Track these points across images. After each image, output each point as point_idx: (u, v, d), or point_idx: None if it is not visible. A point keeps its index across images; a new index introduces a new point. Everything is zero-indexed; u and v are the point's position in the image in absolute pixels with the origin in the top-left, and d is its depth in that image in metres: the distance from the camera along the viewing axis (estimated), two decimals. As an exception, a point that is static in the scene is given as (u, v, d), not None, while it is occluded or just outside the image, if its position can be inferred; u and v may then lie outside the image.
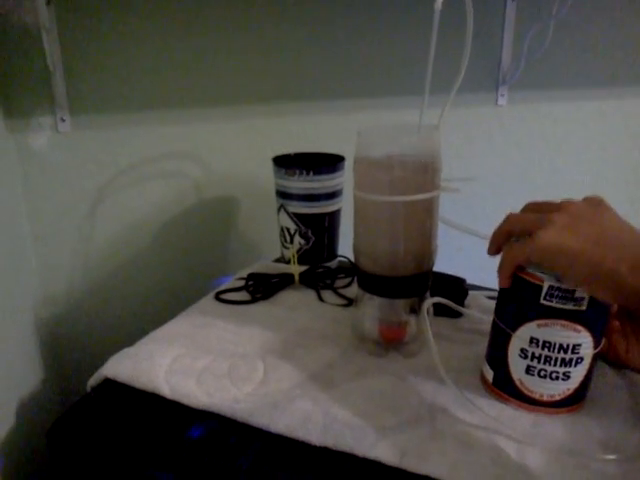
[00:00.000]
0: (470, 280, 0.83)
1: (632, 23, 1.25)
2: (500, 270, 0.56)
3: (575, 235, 0.50)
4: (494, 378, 0.60)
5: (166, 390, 0.61)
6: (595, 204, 0.54)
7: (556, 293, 0.52)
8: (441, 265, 0.74)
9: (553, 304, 0.52)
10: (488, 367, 0.61)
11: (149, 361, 0.66)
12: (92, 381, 0.65)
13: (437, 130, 0.63)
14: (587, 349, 0.54)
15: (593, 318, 0.53)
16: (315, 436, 0.54)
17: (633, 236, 0.50)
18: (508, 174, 1.32)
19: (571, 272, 0.49)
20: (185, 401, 0.60)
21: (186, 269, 1.15)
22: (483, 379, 0.62)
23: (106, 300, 1.11)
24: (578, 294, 0.51)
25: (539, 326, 0.54)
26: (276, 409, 0.58)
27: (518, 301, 0.56)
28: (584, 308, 0.52)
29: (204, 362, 0.66)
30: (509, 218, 0.58)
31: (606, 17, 1.23)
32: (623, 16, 1.24)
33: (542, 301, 0.53)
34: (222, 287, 0.87)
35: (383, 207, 0.63)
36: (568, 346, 0.54)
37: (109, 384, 0.64)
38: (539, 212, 0.55)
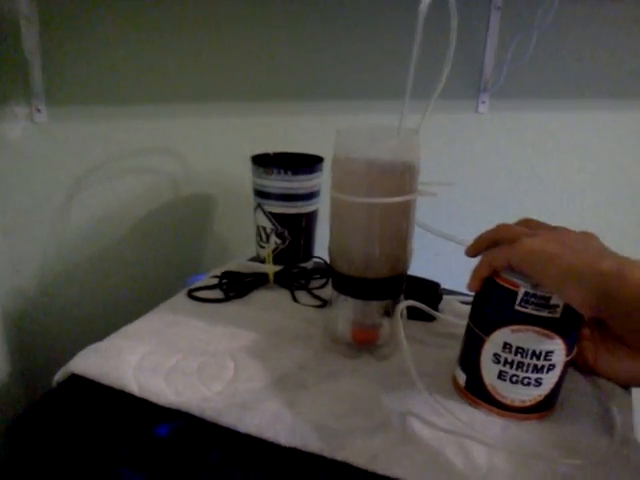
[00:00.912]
0: (446, 285, 0.83)
1: (614, 33, 1.27)
2: (475, 271, 0.56)
3: (558, 244, 0.50)
4: (466, 382, 0.60)
5: (134, 387, 0.60)
6: (587, 234, 0.55)
7: (531, 300, 0.52)
8: (418, 270, 0.74)
9: (528, 310, 0.52)
10: (460, 371, 0.60)
11: (118, 357, 0.65)
12: (58, 376, 0.64)
13: (417, 134, 0.63)
14: (559, 356, 0.54)
15: (567, 326, 0.53)
16: (284, 437, 0.53)
17: (613, 254, 0.50)
18: (487, 181, 1.33)
19: (546, 274, 0.50)
20: (153, 399, 0.59)
21: (160, 266, 1.14)
22: (455, 383, 0.62)
23: (76, 295, 1.09)
24: (553, 301, 0.52)
25: (513, 332, 0.54)
26: (245, 409, 0.57)
27: (493, 306, 0.56)
28: (558, 316, 0.52)
29: (174, 360, 0.65)
30: (499, 227, 0.59)
31: (589, 27, 1.25)
32: (605, 26, 1.26)
33: (517, 307, 0.53)
34: (195, 285, 0.86)
35: (359, 208, 0.63)
36: (541, 353, 0.54)
37: (76, 380, 0.63)
38: (530, 228, 0.57)
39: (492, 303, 0.56)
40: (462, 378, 0.60)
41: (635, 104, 1.36)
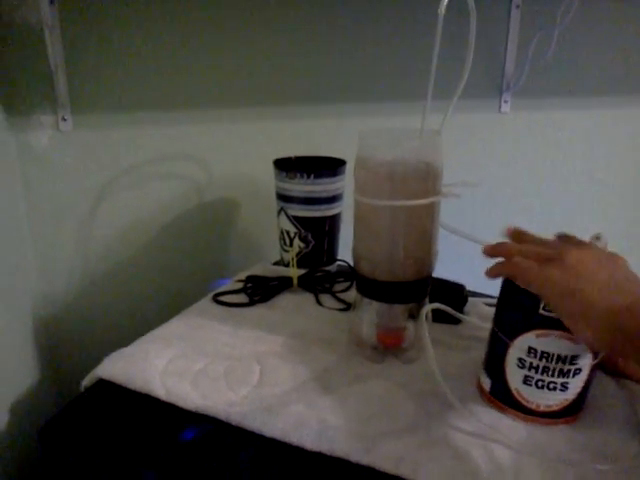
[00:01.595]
0: (470, 287, 0.82)
1: (635, 32, 1.25)
2: (497, 268, 0.55)
3: (578, 276, 0.48)
4: (491, 387, 0.59)
5: (161, 391, 0.61)
6: (614, 258, 0.52)
7: None
8: (441, 271, 0.73)
9: (552, 315, 0.52)
10: (485, 375, 0.60)
11: (144, 362, 0.66)
12: (86, 381, 0.65)
13: (439, 135, 0.63)
14: (586, 360, 0.54)
15: None
16: (309, 441, 0.54)
17: (634, 285, 0.48)
18: (510, 181, 1.31)
19: (562, 308, 0.49)
20: (180, 403, 0.59)
21: (185, 270, 1.15)
22: (480, 387, 0.61)
23: (104, 300, 1.11)
24: None
25: (537, 336, 0.53)
26: (271, 413, 0.57)
27: (517, 311, 0.55)
28: None
29: (200, 364, 0.66)
30: (527, 240, 0.57)
31: (609, 26, 1.23)
32: (626, 25, 1.24)
33: (541, 311, 0.52)
34: (220, 289, 0.86)
35: (383, 211, 0.62)
36: (566, 357, 0.53)
37: (103, 384, 0.64)
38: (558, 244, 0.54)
39: (516, 308, 0.55)
40: (487, 383, 0.60)
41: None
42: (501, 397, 0.58)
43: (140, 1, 0.97)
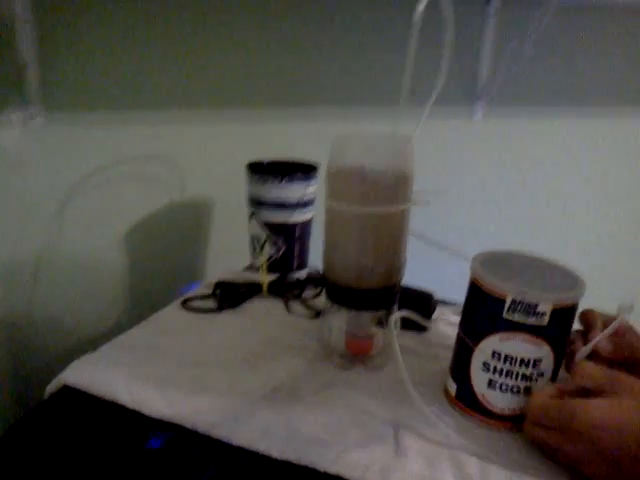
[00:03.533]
0: (440, 295, 0.82)
1: (610, 42, 1.28)
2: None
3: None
4: (457, 392, 0.60)
5: (126, 398, 0.60)
6: None
7: (519, 307, 0.52)
8: (411, 279, 0.74)
9: (515, 318, 0.53)
10: (452, 381, 0.60)
11: (110, 368, 0.65)
12: (50, 388, 0.64)
13: (411, 142, 0.63)
14: (548, 364, 0.55)
15: (554, 333, 0.53)
16: (277, 449, 0.53)
17: None
18: (482, 189, 1.33)
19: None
20: (145, 411, 0.58)
21: (154, 274, 1.14)
22: (447, 393, 0.62)
23: (70, 304, 1.09)
24: (540, 309, 0.52)
25: (501, 340, 0.54)
26: (238, 421, 0.57)
27: (481, 314, 0.56)
28: (545, 323, 0.52)
29: (167, 371, 0.65)
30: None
31: (582, 35, 1.26)
32: (601, 35, 1.27)
33: (505, 315, 0.53)
34: (189, 294, 0.85)
35: (353, 218, 0.62)
36: (529, 360, 0.54)
37: (68, 391, 0.62)
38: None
39: (480, 311, 0.56)
40: (453, 388, 0.60)
41: (629, 111, 1.36)
42: (467, 402, 0.58)
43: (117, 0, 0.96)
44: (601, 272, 1.40)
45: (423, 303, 0.78)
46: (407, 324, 0.72)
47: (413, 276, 0.73)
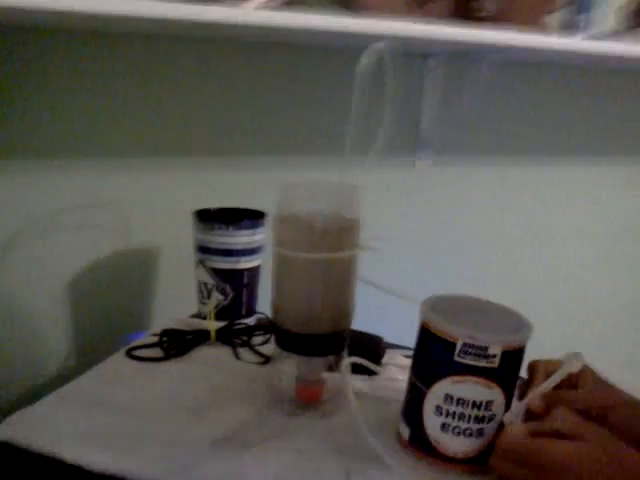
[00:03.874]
0: (389, 339, 0.83)
1: (545, 93, 1.35)
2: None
3: None
4: (410, 435, 0.59)
5: (67, 454, 0.57)
6: None
7: (470, 350, 0.53)
8: (361, 323, 0.74)
9: (467, 361, 0.53)
10: (404, 424, 0.60)
11: (50, 422, 0.62)
12: (-15, 444, 0.60)
13: (357, 189, 0.65)
14: (500, 406, 0.55)
15: (505, 375, 0.54)
16: (227, 500, 0.52)
17: None
18: (429, 235, 1.36)
19: None
20: (89, 466, 0.56)
21: (98, 324, 1.10)
22: (399, 437, 0.61)
23: (7, 354, 1.04)
24: (490, 351, 0.53)
25: (454, 382, 0.55)
26: (187, 471, 0.55)
27: (433, 358, 0.56)
28: (496, 365, 0.53)
29: (111, 422, 0.63)
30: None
31: (521, 89, 1.33)
32: (546, 85, 1.34)
33: (456, 358, 0.54)
34: (134, 343, 0.83)
35: (301, 264, 0.63)
36: (481, 403, 0.55)
37: (5, 448, 0.59)
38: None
39: (431, 355, 0.57)
40: (406, 432, 0.60)
41: (568, 160, 1.43)
42: (420, 445, 0.58)
43: (62, 44, 0.95)
44: (549, 314, 1.44)
45: (372, 347, 0.79)
46: (357, 368, 0.72)
47: (362, 321, 0.74)
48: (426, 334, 0.57)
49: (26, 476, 0.56)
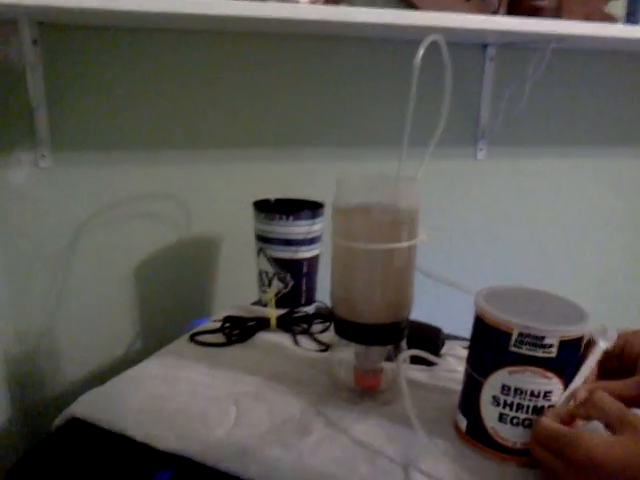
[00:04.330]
0: (448, 330, 0.83)
1: (604, 85, 1.31)
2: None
3: None
4: (467, 427, 0.59)
5: (135, 432, 0.60)
6: None
7: (526, 340, 0.52)
8: (419, 314, 0.74)
9: (523, 351, 0.53)
10: (461, 415, 0.60)
11: (119, 401, 0.65)
12: (58, 420, 0.64)
13: (415, 181, 0.65)
14: (558, 395, 0.55)
15: (563, 365, 0.54)
16: (286, 483, 0.53)
17: None
18: (487, 226, 1.34)
19: None
20: (154, 444, 0.59)
21: (163, 310, 1.14)
22: (457, 428, 0.61)
23: (79, 339, 1.09)
24: (547, 341, 0.52)
25: (510, 373, 0.54)
26: (247, 455, 0.56)
27: (488, 348, 0.56)
28: (554, 355, 0.52)
29: (175, 404, 0.65)
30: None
31: (580, 77, 1.29)
32: (597, 78, 1.30)
33: (512, 348, 0.53)
34: (198, 329, 0.86)
35: (360, 255, 0.63)
36: (539, 393, 0.54)
37: (76, 424, 0.63)
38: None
39: (487, 346, 0.56)
40: (463, 423, 0.60)
41: (627, 151, 1.39)
42: (478, 437, 0.58)
43: (122, 42, 0.99)
44: (608, 304, 1.40)
45: (431, 338, 0.78)
46: (416, 359, 0.72)
47: (421, 311, 0.74)
48: (481, 325, 0.57)
49: (96, 451, 0.59)
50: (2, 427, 0.93)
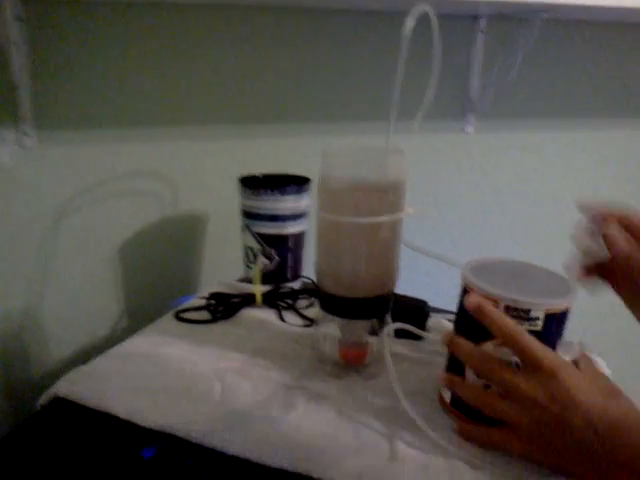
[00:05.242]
0: (434, 303, 0.83)
1: (596, 56, 1.30)
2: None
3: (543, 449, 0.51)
4: (452, 399, 0.59)
5: (119, 410, 0.60)
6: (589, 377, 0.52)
7: (512, 313, 0.52)
8: (407, 288, 0.74)
9: None
10: (446, 388, 0.60)
11: (103, 380, 0.65)
12: (42, 399, 0.63)
13: (402, 153, 0.64)
14: None
15: (549, 338, 0.53)
16: (271, 458, 0.53)
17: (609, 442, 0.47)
18: (475, 200, 1.34)
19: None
20: (138, 421, 0.58)
21: (148, 288, 1.14)
22: (441, 400, 0.62)
23: (63, 317, 1.08)
24: (533, 314, 0.52)
25: (495, 346, 0.54)
26: (232, 430, 0.56)
27: (474, 321, 0.56)
28: (539, 329, 0.52)
29: (160, 381, 0.65)
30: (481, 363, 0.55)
31: (571, 48, 1.28)
32: (587, 49, 1.29)
33: None
34: (183, 306, 0.85)
35: (345, 228, 0.63)
36: None
37: (60, 403, 0.62)
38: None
39: (473, 318, 0.56)
40: (447, 395, 0.60)
41: (617, 122, 1.38)
42: (462, 408, 0.58)
43: (107, 18, 0.96)
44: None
45: (417, 311, 0.78)
46: (401, 332, 0.72)
47: (406, 285, 0.74)
48: (464, 294, 0.57)
49: (81, 430, 0.59)
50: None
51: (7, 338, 1.05)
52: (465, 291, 0.58)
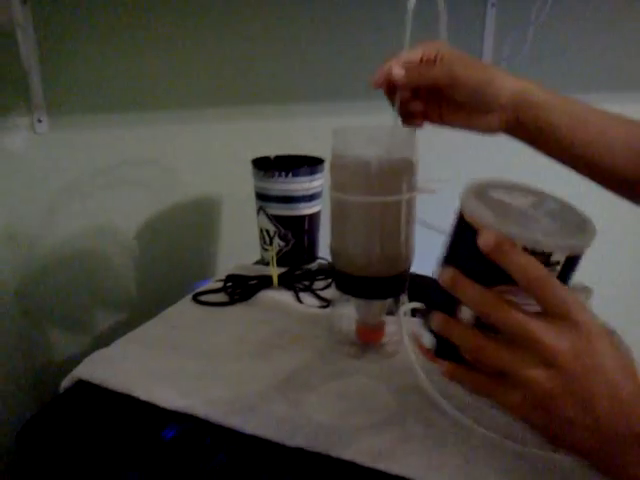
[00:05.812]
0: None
1: (609, 29, 1.27)
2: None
3: (548, 412, 0.42)
4: (437, 348, 0.51)
5: (140, 392, 0.60)
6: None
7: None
8: (422, 267, 0.74)
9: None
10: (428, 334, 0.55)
11: (124, 362, 0.66)
12: (65, 382, 0.64)
13: (414, 132, 0.63)
14: None
15: (564, 283, 0.44)
16: (289, 437, 0.54)
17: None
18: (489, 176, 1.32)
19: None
20: (159, 402, 0.59)
21: (164, 272, 1.14)
22: (421, 348, 0.53)
23: (83, 301, 1.10)
24: (554, 258, 0.43)
25: (502, 292, 0.43)
26: (251, 410, 0.57)
27: (479, 263, 0.44)
28: (557, 274, 0.43)
29: (179, 363, 0.66)
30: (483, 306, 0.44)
31: (583, 23, 1.25)
32: (600, 23, 1.26)
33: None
34: (200, 289, 0.86)
35: (359, 207, 0.63)
36: None
37: (83, 385, 0.63)
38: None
39: (477, 260, 0.44)
40: (429, 341, 0.52)
41: (633, 97, 1.36)
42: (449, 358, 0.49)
43: (113, 3, 0.96)
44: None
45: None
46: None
47: (422, 264, 0.73)
48: (467, 229, 0.46)
49: (103, 412, 0.60)
50: (11, 391, 0.95)
51: (29, 323, 1.07)
52: (462, 224, 0.49)
